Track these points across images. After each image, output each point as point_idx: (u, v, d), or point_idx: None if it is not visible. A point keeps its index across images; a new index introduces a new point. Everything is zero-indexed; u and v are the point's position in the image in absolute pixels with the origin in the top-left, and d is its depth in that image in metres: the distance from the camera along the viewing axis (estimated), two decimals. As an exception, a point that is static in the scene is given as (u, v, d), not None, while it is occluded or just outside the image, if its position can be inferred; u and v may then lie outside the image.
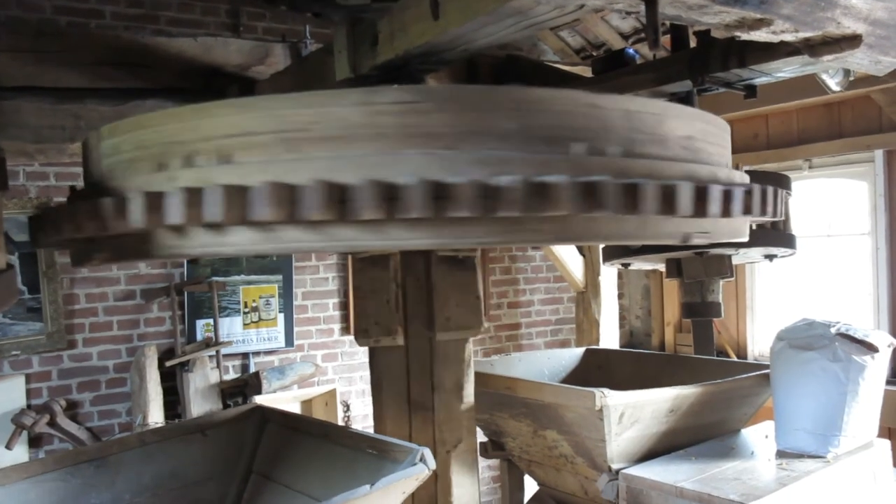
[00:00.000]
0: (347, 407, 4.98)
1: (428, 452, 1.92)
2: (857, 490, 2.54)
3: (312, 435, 2.43)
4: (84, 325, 4.27)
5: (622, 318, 6.27)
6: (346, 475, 2.09)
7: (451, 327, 2.23)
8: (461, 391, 2.29)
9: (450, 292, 2.23)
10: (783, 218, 1.91)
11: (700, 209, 1.39)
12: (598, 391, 2.35)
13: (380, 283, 2.23)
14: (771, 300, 5.49)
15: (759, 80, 2.77)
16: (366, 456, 2.13)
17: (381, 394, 2.33)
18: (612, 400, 2.36)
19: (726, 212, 1.43)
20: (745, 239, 1.90)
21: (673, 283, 5.92)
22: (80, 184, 1.80)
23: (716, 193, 1.42)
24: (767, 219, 1.71)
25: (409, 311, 2.25)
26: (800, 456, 2.54)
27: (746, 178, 1.75)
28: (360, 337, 2.28)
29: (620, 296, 6.13)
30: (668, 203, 1.34)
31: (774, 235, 3.36)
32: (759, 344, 5.44)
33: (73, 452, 2.45)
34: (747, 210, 1.50)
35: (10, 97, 2.82)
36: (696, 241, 1.72)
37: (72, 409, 4.19)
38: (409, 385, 2.29)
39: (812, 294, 5.19)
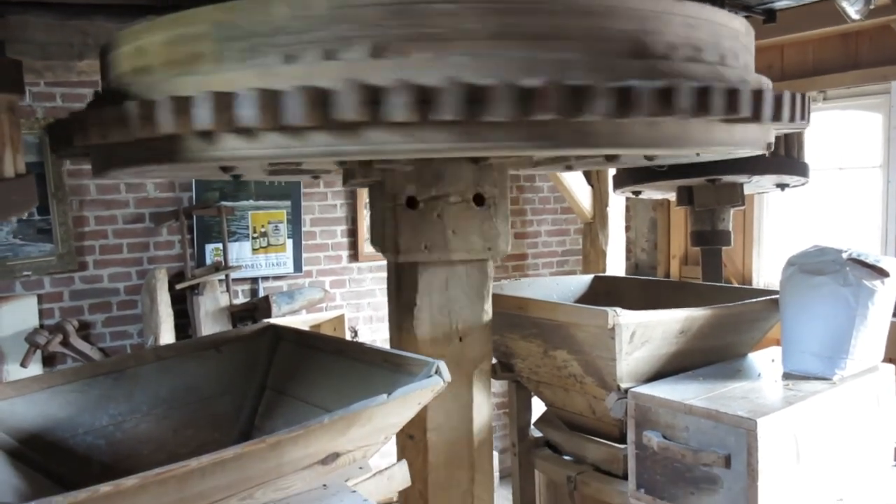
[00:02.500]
0: (355, 333, 5.04)
1: (443, 365, 1.94)
2: (861, 412, 2.58)
3: (326, 351, 2.46)
4: (94, 247, 4.29)
5: (628, 251, 6.29)
6: (361, 388, 2.11)
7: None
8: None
9: None
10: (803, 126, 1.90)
11: (778, 115, 1.46)
12: (610, 310, 2.37)
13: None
14: (778, 233, 5.49)
15: (780, 4, 2.71)
16: (380, 370, 2.16)
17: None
18: (625, 319, 2.39)
19: (792, 117, 1.52)
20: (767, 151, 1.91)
21: (680, 216, 5.93)
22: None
23: (787, 100, 1.49)
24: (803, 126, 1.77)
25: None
26: (806, 378, 2.58)
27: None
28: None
29: (627, 228, 6.15)
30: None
31: (788, 162, 3.34)
32: (764, 276, 5.47)
33: (91, 365, 2.49)
34: (803, 116, 1.61)
35: (16, 12, 2.77)
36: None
37: (84, 330, 4.24)
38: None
39: (819, 228, 5.20)
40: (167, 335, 4.21)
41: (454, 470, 2.35)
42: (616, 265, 5.54)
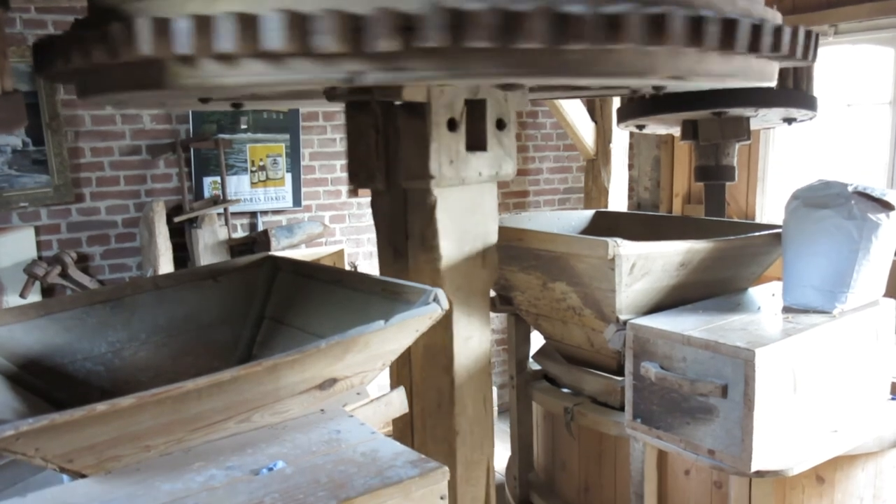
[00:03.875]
0: (355, 267, 5.03)
1: (441, 293, 1.92)
2: (860, 345, 2.58)
3: (324, 281, 2.44)
4: (91, 179, 4.25)
5: (630, 190, 6.23)
6: (360, 317, 2.11)
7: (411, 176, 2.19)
8: (427, 241, 2.26)
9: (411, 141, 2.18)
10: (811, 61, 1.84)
11: (755, 46, 1.39)
12: (611, 240, 2.34)
13: (364, 129, 2.19)
14: (783, 172, 5.43)
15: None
16: (378, 299, 2.15)
17: (377, 238, 2.37)
18: (625, 250, 2.36)
19: (776, 47, 1.44)
20: (774, 83, 1.85)
21: (684, 154, 5.86)
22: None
23: (770, 30, 1.41)
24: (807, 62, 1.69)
25: (389, 157, 2.22)
26: (806, 311, 2.57)
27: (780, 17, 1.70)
28: (351, 180, 2.31)
29: (630, 166, 6.08)
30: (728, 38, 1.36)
31: (796, 95, 3.27)
32: (768, 215, 5.43)
33: (88, 293, 2.48)
34: (792, 50, 1.52)
35: (2, -70, 2.67)
36: (730, 82, 1.68)
37: (82, 262, 4.23)
38: (391, 231, 2.30)
39: (825, 166, 5.13)
40: (166, 268, 4.20)
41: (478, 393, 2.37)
42: (618, 203, 5.49)
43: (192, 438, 1.69)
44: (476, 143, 2.14)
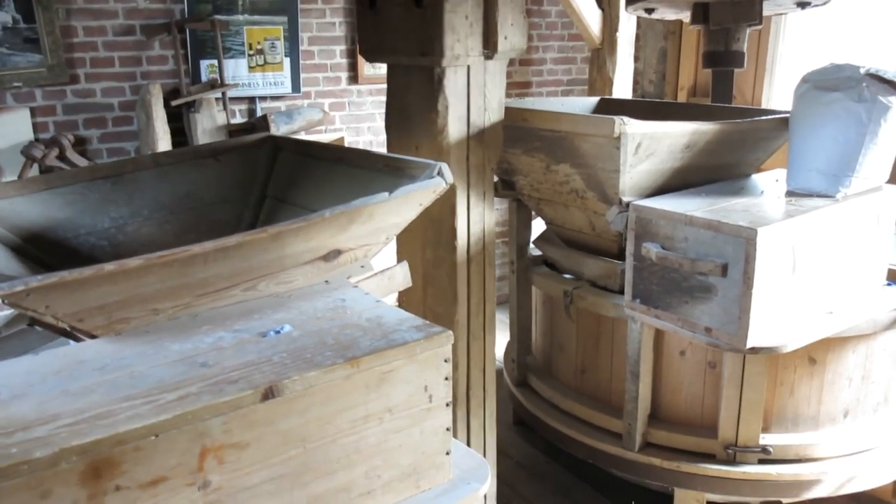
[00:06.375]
0: (355, 156, 4.98)
1: (445, 167, 1.92)
2: (860, 230, 2.59)
3: (327, 160, 2.42)
4: (85, 59, 4.14)
5: (635, 83, 6.10)
6: (363, 193, 2.10)
7: None
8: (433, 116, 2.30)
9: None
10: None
11: None
12: (618, 118, 2.31)
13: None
14: (791, 64, 5.31)
15: None
16: (382, 175, 2.14)
17: (386, 115, 2.34)
18: (631, 128, 2.33)
19: None
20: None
21: (691, 45, 5.70)
22: None
23: None
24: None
25: (400, 33, 2.21)
26: (809, 195, 2.57)
27: None
28: (362, 54, 2.32)
29: (635, 58, 5.93)
30: None
31: (812, -24, 3.15)
32: (774, 107, 5.35)
33: (90, 168, 2.45)
34: None
35: None
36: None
37: (80, 146, 4.18)
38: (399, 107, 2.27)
39: (836, 58, 5.00)
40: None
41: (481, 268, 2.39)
42: (622, 94, 5.39)
43: (199, 304, 1.71)
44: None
